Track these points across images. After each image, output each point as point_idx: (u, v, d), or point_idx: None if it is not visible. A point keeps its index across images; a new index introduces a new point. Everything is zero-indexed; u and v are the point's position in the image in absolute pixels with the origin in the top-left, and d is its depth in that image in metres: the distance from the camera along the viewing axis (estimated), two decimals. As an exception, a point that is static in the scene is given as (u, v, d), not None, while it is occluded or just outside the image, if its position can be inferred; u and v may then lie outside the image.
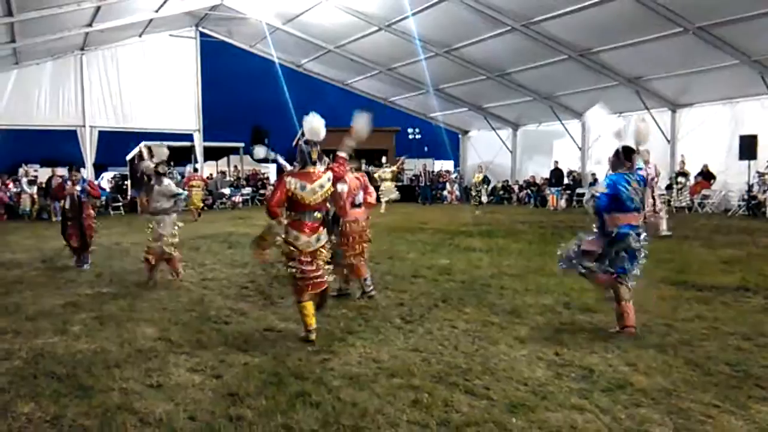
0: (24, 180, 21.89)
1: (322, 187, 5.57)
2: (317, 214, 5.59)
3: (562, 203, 23.94)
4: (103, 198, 24.11)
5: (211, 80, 29.07)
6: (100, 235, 11.63)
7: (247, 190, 28.40)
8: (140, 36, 24.64)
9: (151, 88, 25.37)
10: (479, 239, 12.90)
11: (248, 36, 26.31)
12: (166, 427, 3.71)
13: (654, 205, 12.87)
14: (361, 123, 5.95)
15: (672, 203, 20.19)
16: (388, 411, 3.90)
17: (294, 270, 5.48)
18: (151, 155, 9.15)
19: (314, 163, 5.64)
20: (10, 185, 22.57)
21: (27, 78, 23.01)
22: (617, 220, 5.57)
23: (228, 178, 29.76)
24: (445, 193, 30.15)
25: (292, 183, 5.47)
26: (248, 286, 8.08)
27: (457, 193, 29.68)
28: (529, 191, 27.14)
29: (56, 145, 32.37)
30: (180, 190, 9.01)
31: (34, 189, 21.73)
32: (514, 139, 29.35)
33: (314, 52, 25.80)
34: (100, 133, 24.64)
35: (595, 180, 24.23)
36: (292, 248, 5.47)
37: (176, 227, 8.60)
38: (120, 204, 23.95)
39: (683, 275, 8.36)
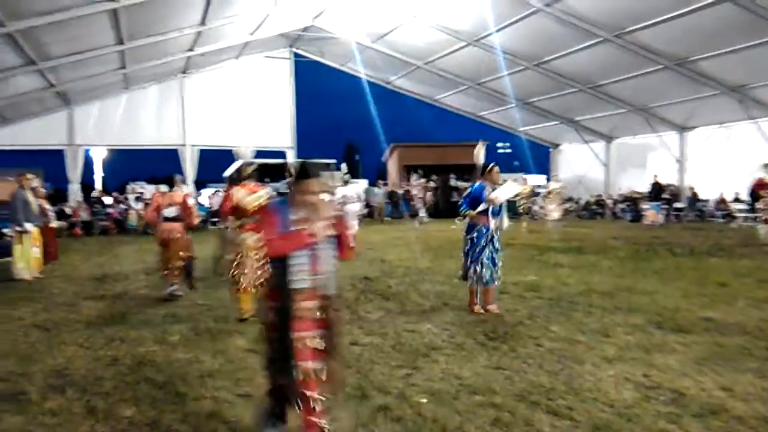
0: (131, 197, 23.34)
1: (260, 198, 6.91)
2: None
3: (660, 218, 22.97)
4: (203, 213, 25.29)
5: (304, 98, 30.07)
6: (199, 249, 12.18)
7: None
8: (237, 58, 25.86)
9: (247, 108, 26.52)
10: (568, 255, 12.64)
11: (339, 55, 27.05)
12: (254, 435, 3.87)
13: None
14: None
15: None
16: (468, 428, 3.91)
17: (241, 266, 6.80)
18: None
19: (248, 178, 7.17)
20: (119, 201, 24.11)
21: (134, 101, 24.70)
22: (478, 220, 7.29)
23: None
24: (536, 208, 29.57)
25: (237, 194, 6.93)
26: (336, 301, 8.26)
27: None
28: (624, 206, 26.25)
29: (160, 164, 34.24)
30: None
31: (141, 205, 23.08)
32: (608, 151, 28.51)
33: (403, 69, 26.17)
34: (200, 151, 25.97)
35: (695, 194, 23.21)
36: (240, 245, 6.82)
37: None
38: (217, 219, 24.98)
39: (793, 295, 7.88)
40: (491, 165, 7.48)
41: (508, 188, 7.51)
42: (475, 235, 7.35)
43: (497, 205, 7.28)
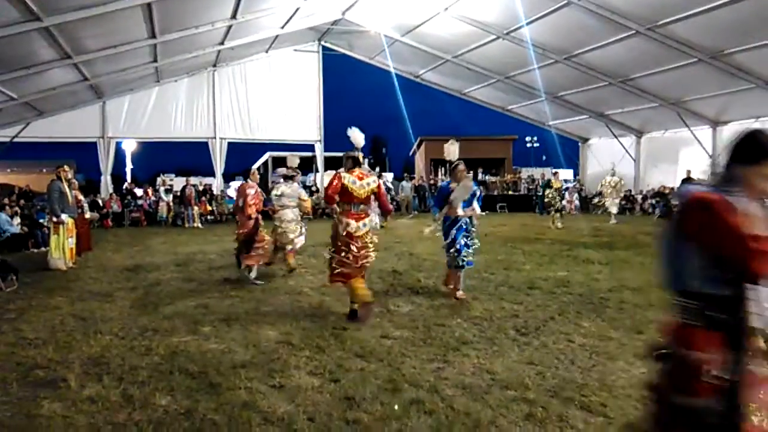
0: (161, 189, 23.64)
1: (368, 185, 6.93)
2: (362, 206, 6.93)
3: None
4: (230, 205, 25.55)
5: (333, 92, 30.06)
6: (228, 240, 12.32)
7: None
8: (267, 52, 25.98)
9: (276, 101, 26.66)
10: (598, 251, 12.50)
11: (368, 48, 27.01)
12: (288, 427, 3.92)
13: None
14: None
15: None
16: (501, 423, 3.91)
17: (342, 252, 6.81)
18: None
19: (360, 165, 7.11)
20: (150, 194, 24.43)
21: (166, 94, 24.97)
22: (450, 213, 7.71)
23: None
24: (563, 203, 29.31)
25: (347, 178, 6.83)
26: (365, 294, 8.29)
27: (577, 203, 28.74)
28: (653, 201, 25.88)
29: (190, 156, 34.66)
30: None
31: (170, 197, 23.37)
32: (638, 146, 28.12)
33: (432, 63, 26.03)
34: (229, 144, 26.22)
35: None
36: (344, 233, 6.80)
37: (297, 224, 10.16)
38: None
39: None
40: (456, 163, 7.97)
41: (461, 189, 7.75)
42: (448, 224, 7.86)
43: (458, 204, 7.67)
